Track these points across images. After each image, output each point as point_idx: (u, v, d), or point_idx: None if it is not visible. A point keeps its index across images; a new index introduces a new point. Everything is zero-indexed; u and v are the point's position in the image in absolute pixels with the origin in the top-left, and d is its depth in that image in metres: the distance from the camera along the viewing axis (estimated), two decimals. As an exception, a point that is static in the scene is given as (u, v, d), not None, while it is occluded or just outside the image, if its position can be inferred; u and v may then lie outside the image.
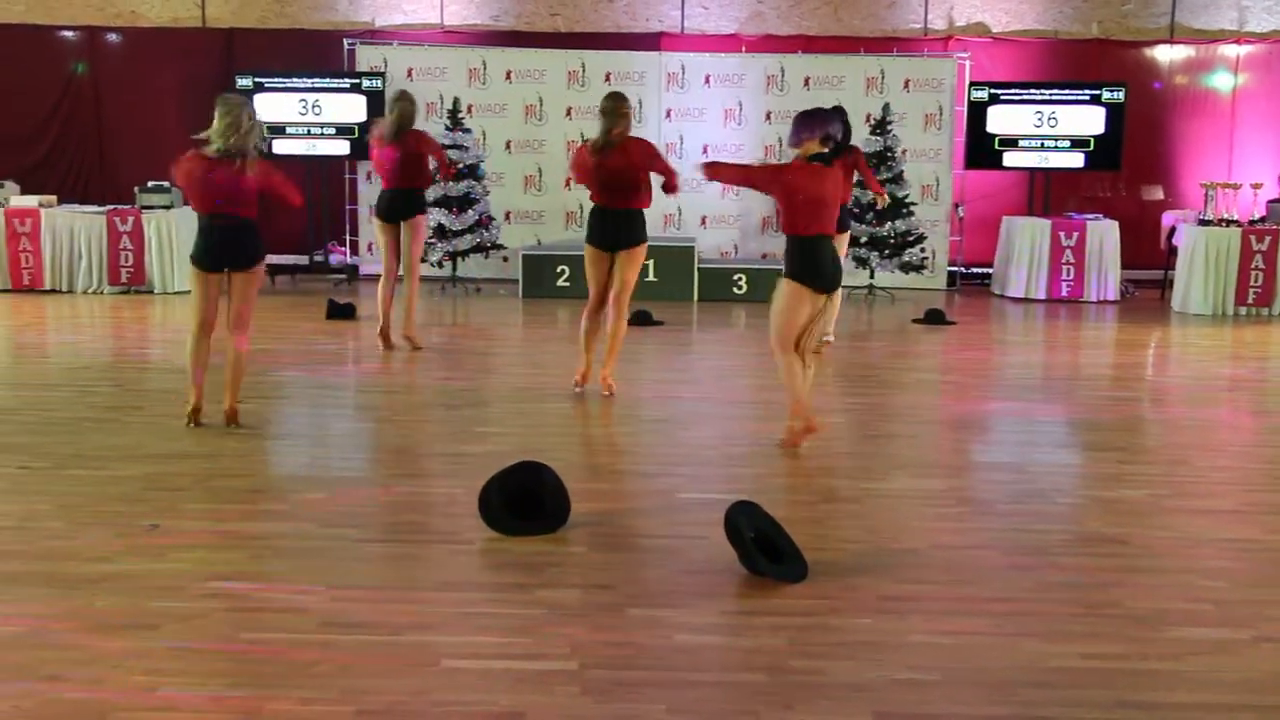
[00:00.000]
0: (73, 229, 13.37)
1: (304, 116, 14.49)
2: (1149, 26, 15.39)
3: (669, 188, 8.21)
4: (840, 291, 7.35)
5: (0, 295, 13.08)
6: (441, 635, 4.43)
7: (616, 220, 8.23)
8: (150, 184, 13.65)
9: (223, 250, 7.27)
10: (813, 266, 6.88)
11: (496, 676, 4.09)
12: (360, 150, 13.85)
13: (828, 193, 6.85)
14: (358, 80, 14.46)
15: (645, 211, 8.34)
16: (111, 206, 13.74)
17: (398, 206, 9.90)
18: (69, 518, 5.66)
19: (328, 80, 14.48)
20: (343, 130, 14.44)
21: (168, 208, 13.51)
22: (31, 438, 7.14)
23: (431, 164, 10.15)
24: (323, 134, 14.46)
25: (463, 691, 3.98)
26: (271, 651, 4.25)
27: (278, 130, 14.19)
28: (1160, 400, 9.12)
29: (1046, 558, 5.36)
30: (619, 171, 8.13)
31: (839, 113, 7.44)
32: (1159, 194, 15.32)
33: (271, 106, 14.27)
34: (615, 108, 8.18)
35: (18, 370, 9.34)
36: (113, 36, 15.32)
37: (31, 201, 13.50)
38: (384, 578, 5.05)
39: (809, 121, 6.92)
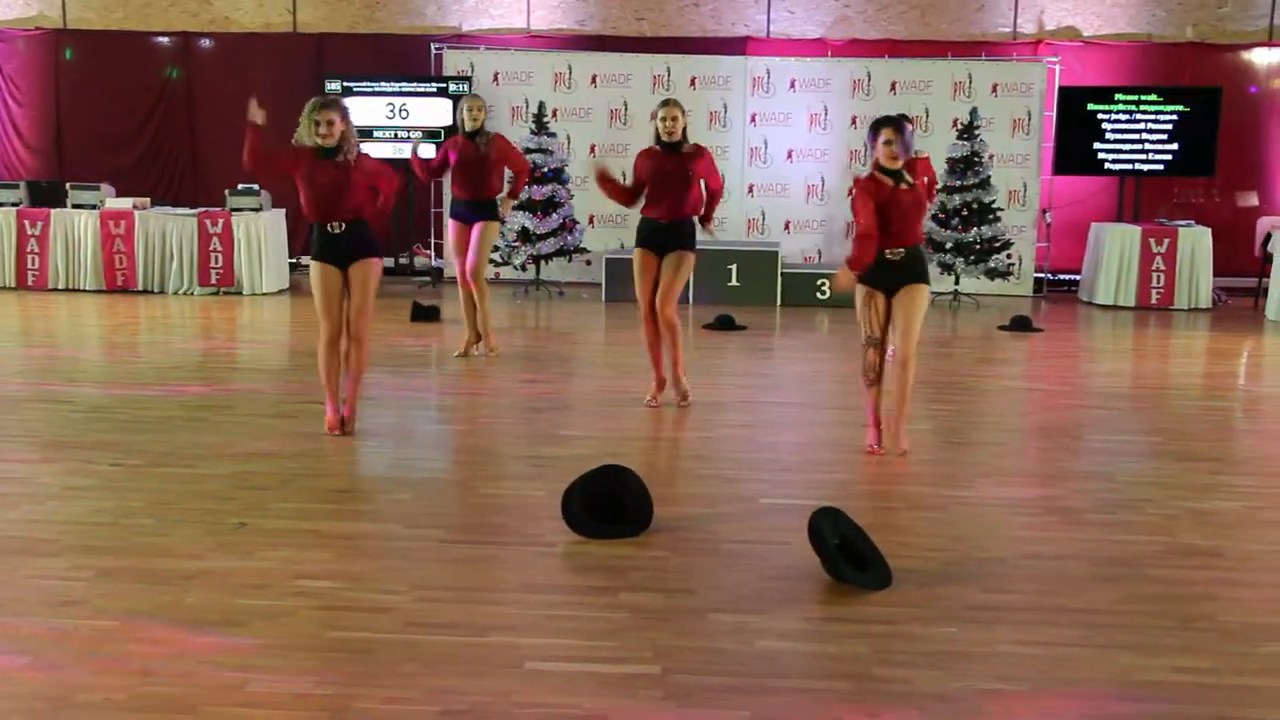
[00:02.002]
0: (165, 231, 13.63)
1: (391, 120, 14.65)
2: (1246, 29, 15.09)
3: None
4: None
5: (94, 296, 13.37)
6: (525, 637, 4.45)
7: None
8: (240, 187, 13.87)
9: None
10: None
11: (579, 679, 4.10)
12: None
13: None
14: (444, 84, 14.58)
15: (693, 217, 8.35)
16: (202, 209, 13.97)
17: None
18: (160, 515, 5.76)
19: (415, 84, 14.63)
20: (429, 134, 14.56)
21: (257, 210, 13.72)
22: (124, 436, 7.27)
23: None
24: (409, 138, 14.59)
25: (545, 694, 3.99)
26: (357, 650, 4.29)
27: (365, 134, 14.35)
28: (1253, 411, 8.94)
29: (1137, 569, 5.27)
30: None
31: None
32: (1254, 200, 15.02)
33: (360, 110, 14.44)
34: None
35: (111, 370, 9.52)
36: (205, 42, 15.61)
37: (126, 204, 13.78)
38: (468, 579, 5.08)
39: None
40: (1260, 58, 15.11)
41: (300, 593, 4.82)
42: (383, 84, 14.62)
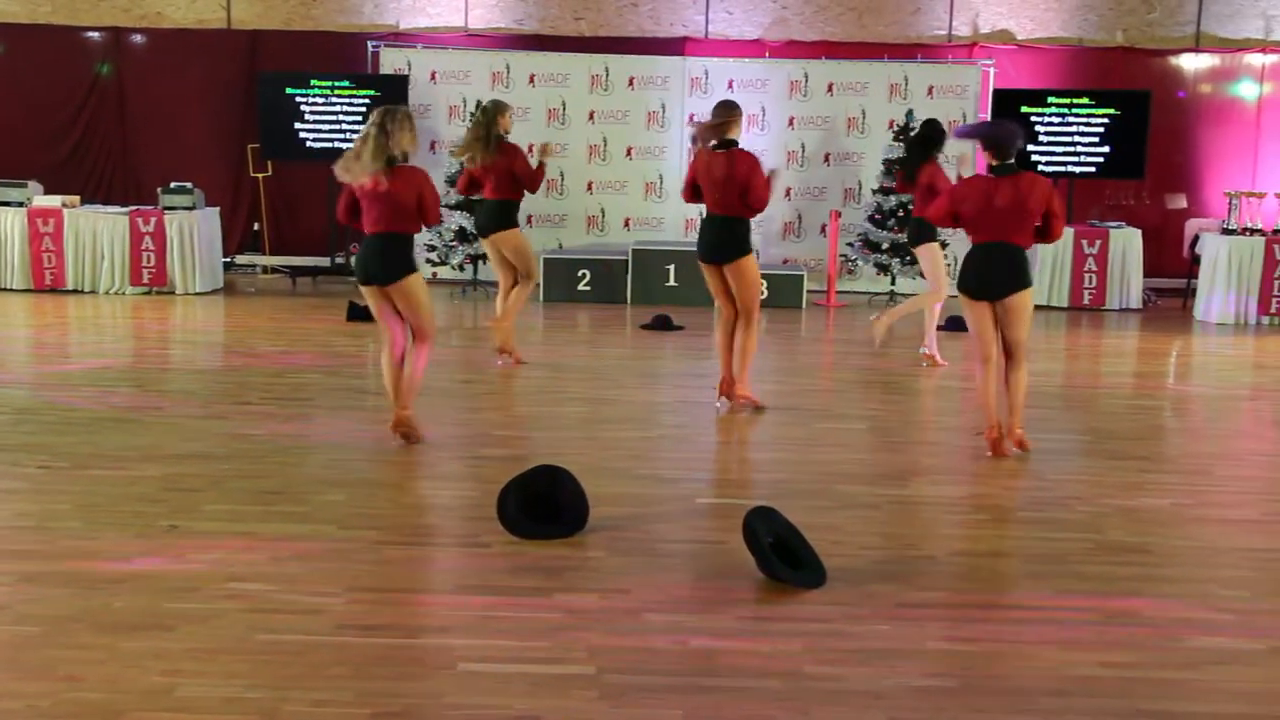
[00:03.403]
0: (95, 229, 13.43)
1: (327, 118, 14.53)
2: (1174, 35, 15.32)
3: None
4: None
5: (23, 295, 13.16)
6: (458, 638, 4.43)
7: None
8: (173, 185, 13.71)
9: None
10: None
11: (513, 680, 4.09)
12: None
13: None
14: (382, 83, 14.48)
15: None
16: (134, 207, 13.80)
17: None
18: (88, 518, 5.68)
19: (352, 82, 14.52)
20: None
21: (190, 209, 13.55)
22: (52, 437, 7.17)
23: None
24: (346, 136, 14.49)
25: (479, 695, 3.98)
26: (288, 653, 4.26)
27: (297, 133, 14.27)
28: (1182, 410, 9.08)
29: (1066, 565, 5.34)
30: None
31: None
32: (1182, 202, 15.24)
33: (294, 108, 14.34)
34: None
35: (39, 370, 9.38)
36: (137, 37, 15.39)
37: (55, 201, 13.56)
38: (401, 580, 5.06)
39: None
40: (1188, 63, 15.35)
41: (231, 595, 4.78)
42: (318, 82, 14.49)
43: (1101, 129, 14.36)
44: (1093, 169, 14.46)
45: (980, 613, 4.81)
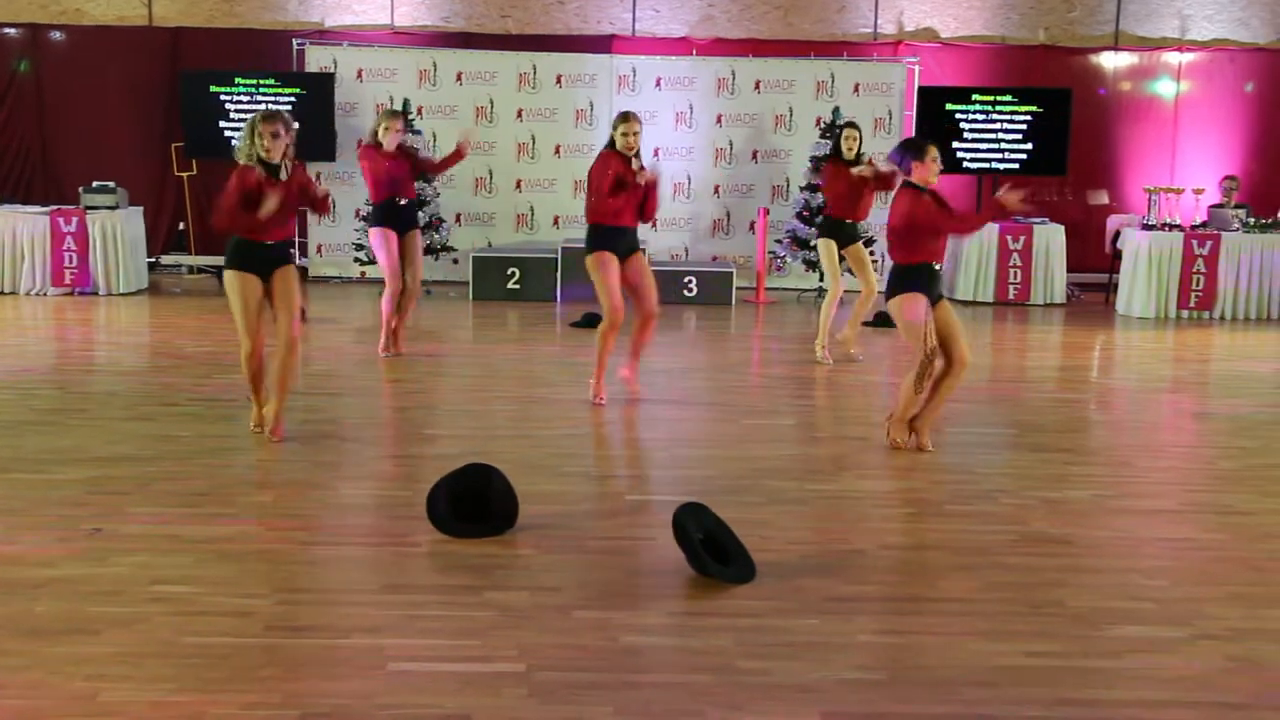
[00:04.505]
0: (15, 229, 13.19)
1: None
2: (1094, 34, 15.57)
3: None
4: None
5: (-59, 296, 12.91)
6: (388, 638, 4.41)
7: None
8: (95, 184, 13.50)
9: None
10: None
11: (443, 679, 4.08)
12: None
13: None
14: (307, 80, 14.36)
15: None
16: (55, 207, 13.58)
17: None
18: (8, 522, 5.59)
19: (277, 80, 14.38)
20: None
21: (113, 208, 13.36)
22: (-28, 440, 7.05)
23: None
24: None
25: (409, 694, 3.97)
26: (215, 655, 4.21)
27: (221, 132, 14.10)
28: (1105, 402, 9.22)
29: (991, 558, 5.41)
30: None
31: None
32: (1104, 199, 15.49)
33: (218, 106, 14.19)
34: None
35: (-42, 372, 9.21)
36: (56, 34, 15.14)
37: (-28, 201, 13.32)
38: (330, 580, 5.03)
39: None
40: (1108, 61, 15.60)
41: (156, 598, 4.72)
42: (242, 80, 14.34)
43: (1024, 126, 14.57)
44: (1016, 165, 14.65)
45: (908, 605, 4.87)
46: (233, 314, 7.07)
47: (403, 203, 9.79)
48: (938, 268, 7.14)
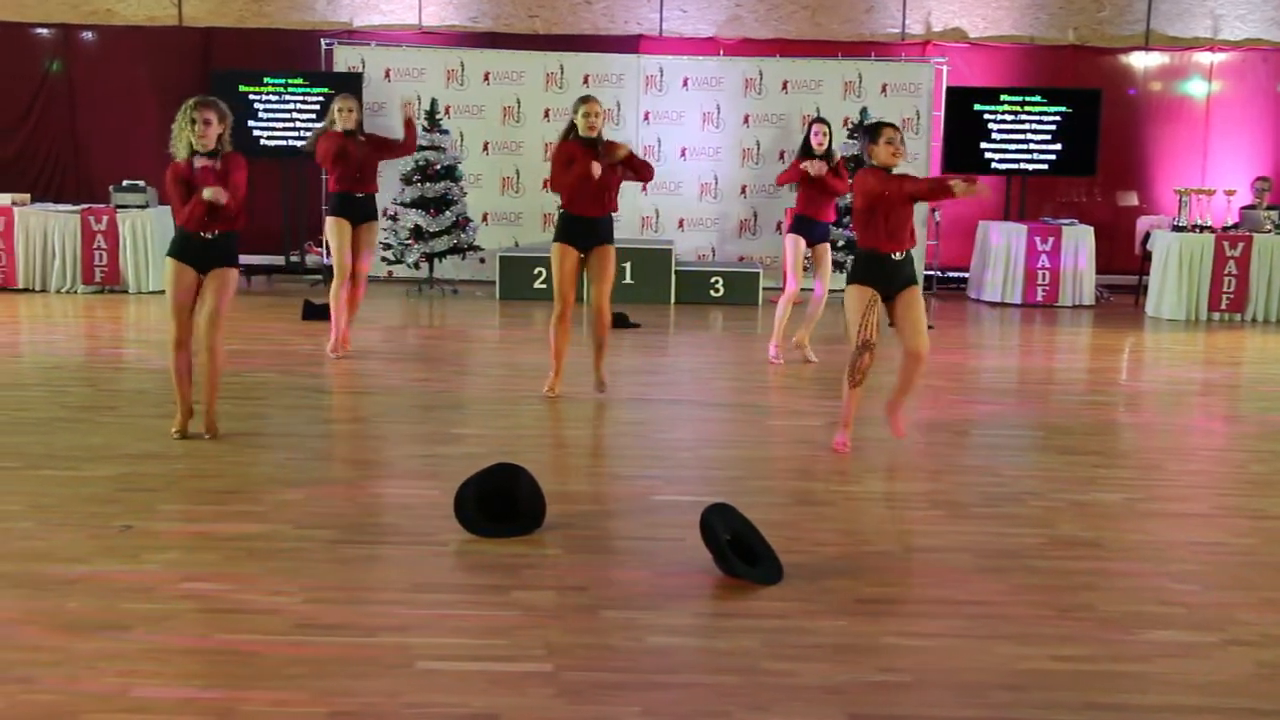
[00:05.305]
0: (46, 228, 13.30)
1: (281, 116, 14.45)
2: (1124, 34, 15.49)
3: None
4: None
5: (-27, 294, 13.02)
6: (416, 637, 4.42)
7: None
8: (125, 183, 13.59)
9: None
10: None
11: (471, 678, 4.09)
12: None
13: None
14: (335, 80, 14.41)
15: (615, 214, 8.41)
16: (86, 205, 13.67)
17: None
18: (41, 518, 5.63)
19: (305, 80, 14.44)
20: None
21: (143, 207, 13.45)
22: (3, 437, 7.10)
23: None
24: (300, 134, 14.42)
25: (437, 693, 3.98)
26: (245, 652, 4.24)
27: (247, 130, 14.17)
28: (1134, 405, 9.17)
29: (1019, 560, 5.39)
30: None
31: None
32: (1133, 200, 15.41)
33: (247, 106, 14.25)
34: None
35: (-10, 370, 9.29)
36: (88, 35, 15.25)
37: (4, 200, 13.43)
38: (358, 579, 5.04)
39: None
40: (1138, 61, 15.52)
41: (186, 595, 4.75)
42: (272, 79, 14.40)
43: (1053, 127, 14.51)
44: (1045, 166, 14.59)
45: (935, 607, 4.85)
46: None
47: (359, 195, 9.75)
48: (897, 257, 6.99)
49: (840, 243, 13.31)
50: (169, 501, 5.96)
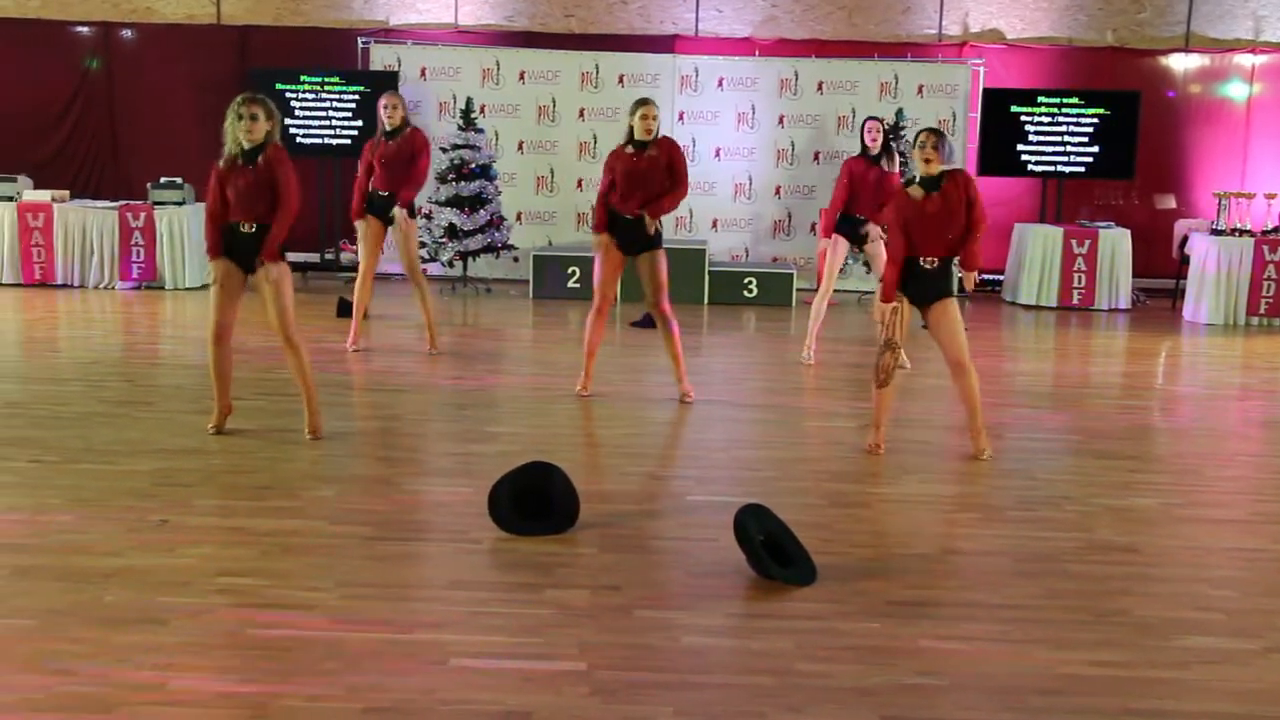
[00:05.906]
0: (85, 224, 13.41)
1: (317, 114, 14.52)
2: (1164, 35, 15.36)
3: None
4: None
5: (12, 289, 13.13)
6: (450, 634, 4.44)
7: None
8: (163, 180, 13.68)
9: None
10: None
11: (505, 676, 4.10)
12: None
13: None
14: (372, 79, 14.47)
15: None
16: (124, 202, 13.77)
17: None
18: (79, 512, 5.68)
19: (342, 79, 14.50)
20: (354, 129, 14.45)
21: (180, 204, 13.54)
22: (42, 432, 7.16)
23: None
24: (336, 132, 14.48)
25: (471, 691, 3.99)
26: (280, 647, 4.26)
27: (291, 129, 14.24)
28: (1171, 409, 9.10)
29: (1056, 564, 5.36)
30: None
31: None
32: (1171, 203, 15.29)
33: (284, 104, 14.31)
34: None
35: (29, 365, 9.37)
36: (127, 33, 15.35)
37: (44, 196, 13.54)
38: (393, 576, 5.06)
39: None
40: (1177, 63, 15.39)
41: (222, 590, 4.78)
42: (308, 77, 14.46)
43: (1091, 129, 14.41)
44: (1082, 169, 14.50)
45: (970, 610, 4.83)
46: None
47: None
48: (927, 265, 6.97)
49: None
50: (205, 496, 6.00)
